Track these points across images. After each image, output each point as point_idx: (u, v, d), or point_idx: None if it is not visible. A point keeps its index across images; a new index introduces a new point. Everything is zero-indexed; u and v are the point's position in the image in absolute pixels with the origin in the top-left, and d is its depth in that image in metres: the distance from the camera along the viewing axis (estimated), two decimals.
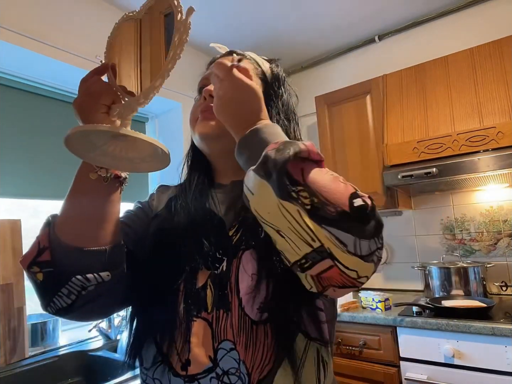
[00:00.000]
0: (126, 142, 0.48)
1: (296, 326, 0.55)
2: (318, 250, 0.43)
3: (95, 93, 0.51)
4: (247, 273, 0.56)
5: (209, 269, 0.58)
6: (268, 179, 0.43)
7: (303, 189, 0.43)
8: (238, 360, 0.53)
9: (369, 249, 0.43)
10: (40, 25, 1.61)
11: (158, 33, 0.49)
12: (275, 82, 0.70)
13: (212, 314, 0.55)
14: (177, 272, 0.59)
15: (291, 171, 0.43)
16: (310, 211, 0.42)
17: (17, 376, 1.33)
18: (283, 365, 0.53)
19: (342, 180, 0.45)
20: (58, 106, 1.86)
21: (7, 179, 1.62)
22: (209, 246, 0.59)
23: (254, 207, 0.47)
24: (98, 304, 0.56)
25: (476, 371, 1.45)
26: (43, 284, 0.52)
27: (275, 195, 0.43)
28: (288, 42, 2.40)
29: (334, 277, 0.44)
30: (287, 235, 0.44)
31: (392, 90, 2.04)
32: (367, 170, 2.08)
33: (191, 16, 0.46)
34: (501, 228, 1.97)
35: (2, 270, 1.40)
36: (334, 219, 0.42)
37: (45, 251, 0.52)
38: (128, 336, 0.62)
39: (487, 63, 1.78)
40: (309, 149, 0.45)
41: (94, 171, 0.53)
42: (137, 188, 2.20)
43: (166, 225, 0.63)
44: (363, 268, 0.44)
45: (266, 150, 0.45)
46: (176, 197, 0.68)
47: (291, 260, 0.46)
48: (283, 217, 0.43)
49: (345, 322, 1.80)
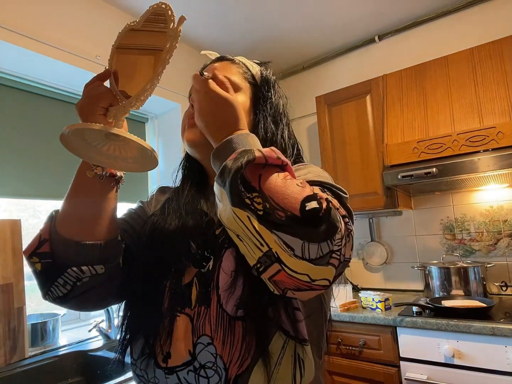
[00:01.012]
0: (119, 142, 0.51)
1: (274, 323, 0.56)
2: (267, 254, 0.44)
3: (95, 96, 0.54)
4: (226, 270, 0.58)
5: (196, 267, 0.61)
6: (224, 187, 0.46)
7: (257, 195, 0.44)
8: (215, 354, 0.55)
9: (319, 252, 0.43)
10: (40, 25, 1.61)
11: (153, 41, 0.53)
12: (265, 84, 0.72)
13: (195, 310, 0.58)
14: (166, 269, 0.62)
15: (248, 178, 0.45)
16: (261, 217, 0.43)
17: (17, 376, 1.33)
18: (259, 362, 0.55)
19: (300, 183, 0.46)
20: (58, 106, 1.86)
21: (7, 179, 1.62)
22: (197, 245, 0.62)
23: (219, 213, 0.49)
24: (93, 295, 0.60)
25: (476, 371, 1.45)
26: (42, 273, 0.57)
27: (229, 203, 0.45)
28: (289, 42, 2.40)
29: (285, 281, 0.45)
30: (244, 239, 0.46)
31: (392, 90, 2.04)
32: (367, 170, 2.08)
33: (182, 24, 0.49)
34: (501, 228, 1.97)
35: (2, 270, 1.40)
36: (282, 224, 0.43)
37: (45, 243, 0.57)
38: (119, 331, 0.65)
39: (487, 63, 1.78)
40: (265, 155, 0.46)
41: (91, 169, 0.57)
42: (137, 188, 2.20)
43: (158, 225, 0.66)
44: (316, 272, 0.44)
45: (227, 160, 0.48)
46: (170, 199, 0.71)
47: (250, 264, 0.47)
48: (236, 223, 0.45)
49: (345, 322, 1.80)
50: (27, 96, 1.75)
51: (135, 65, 0.55)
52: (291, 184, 0.45)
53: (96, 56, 1.78)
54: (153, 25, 0.53)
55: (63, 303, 0.59)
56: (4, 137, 1.63)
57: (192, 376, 0.56)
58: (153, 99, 2.17)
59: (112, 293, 0.63)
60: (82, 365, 1.49)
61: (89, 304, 0.64)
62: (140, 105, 0.52)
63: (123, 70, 0.56)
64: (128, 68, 0.56)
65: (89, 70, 1.74)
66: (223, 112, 0.55)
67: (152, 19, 0.53)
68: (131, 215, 0.72)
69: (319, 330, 0.64)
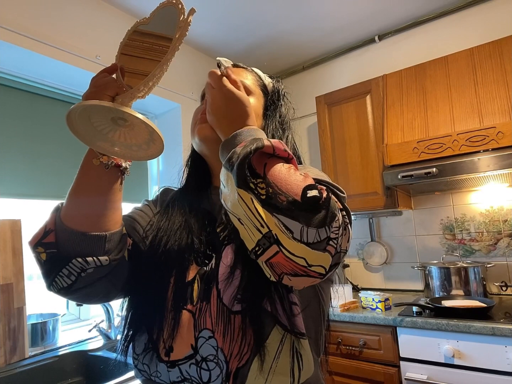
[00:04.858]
0: (124, 127, 0.52)
1: (272, 318, 0.57)
2: (266, 235, 0.46)
3: (101, 85, 0.55)
4: (225, 262, 0.60)
5: (198, 265, 0.63)
6: (231, 170, 0.48)
7: (261, 181, 0.47)
8: (216, 347, 0.56)
9: (317, 237, 0.45)
10: (40, 25, 1.61)
11: (162, 34, 0.53)
12: (275, 94, 0.75)
13: (196, 306, 0.59)
14: (170, 266, 0.63)
15: (254, 165, 0.48)
16: (263, 200, 0.46)
17: (17, 376, 1.33)
18: (258, 356, 0.56)
19: (303, 174, 0.49)
20: (58, 106, 1.86)
21: (7, 179, 1.62)
22: (200, 243, 0.64)
23: (223, 197, 0.51)
24: (97, 287, 0.60)
25: (476, 371, 1.45)
26: (46, 263, 0.57)
27: (234, 185, 0.47)
28: (289, 42, 2.40)
29: (282, 263, 0.47)
30: (245, 222, 0.48)
31: (392, 90, 2.04)
32: (367, 170, 2.08)
33: (192, 15, 0.51)
34: (501, 228, 1.97)
35: (2, 270, 1.40)
36: (284, 207, 0.45)
37: (50, 233, 0.58)
38: (122, 326, 0.66)
39: (487, 63, 1.78)
40: (274, 145, 0.49)
41: (97, 157, 0.57)
42: (137, 188, 2.20)
43: (163, 223, 0.68)
44: (313, 256, 0.45)
45: (236, 147, 0.50)
46: (175, 199, 0.73)
47: (249, 248, 0.49)
48: (239, 205, 0.47)
49: (345, 322, 1.80)
50: (27, 96, 1.75)
51: (141, 61, 0.56)
52: (294, 173, 0.48)
53: (96, 56, 1.78)
54: (161, 27, 0.54)
55: (67, 294, 0.60)
56: (4, 137, 1.63)
57: (194, 369, 0.57)
58: (153, 99, 2.17)
59: (116, 286, 0.64)
60: (82, 365, 1.49)
61: (93, 297, 0.64)
62: (148, 92, 0.52)
63: (130, 66, 0.56)
64: (135, 64, 0.56)
65: (89, 70, 1.74)
66: (234, 107, 0.58)
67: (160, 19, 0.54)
68: (137, 212, 0.74)
69: (317, 327, 0.65)
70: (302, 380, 0.58)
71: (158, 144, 0.53)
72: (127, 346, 0.64)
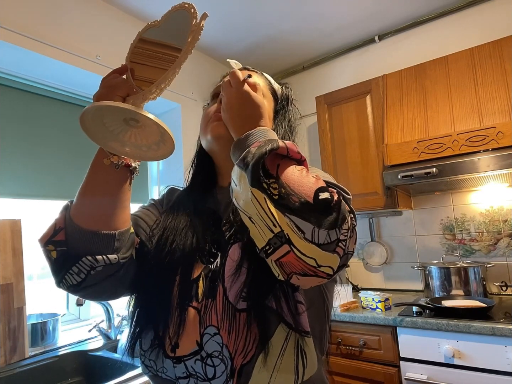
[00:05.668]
0: (136, 128, 0.52)
1: (277, 315, 0.58)
2: (278, 235, 0.47)
3: (112, 85, 0.55)
4: (232, 257, 0.61)
5: (203, 263, 0.64)
6: (245, 170, 0.49)
7: (274, 181, 0.48)
8: (221, 344, 0.57)
9: (327, 238, 0.46)
10: (40, 25, 1.60)
11: (174, 38, 0.55)
12: (284, 99, 0.78)
13: (202, 303, 0.60)
14: (175, 265, 0.64)
15: (268, 166, 0.49)
16: (276, 201, 0.47)
17: (17, 376, 1.33)
18: (262, 353, 0.56)
19: (315, 176, 0.50)
20: (58, 106, 1.86)
21: (7, 179, 1.62)
22: (205, 241, 0.65)
23: (234, 196, 0.52)
24: (106, 285, 0.61)
25: (476, 371, 1.45)
26: (56, 261, 0.58)
27: (248, 183, 0.48)
28: (289, 42, 2.40)
29: (292, 262, 0.47)
30: (256, 221, 0.49)
31: (392, 90, 2.04)
32: (367, 170, 2.08)
33: (204, 20, 0.52)
34: (501, 228, 1.97)
35: (2, 270, 1.40)
36: (296, 208, 0.46)
37: (60, 231, 0.58)
38: (129, 324, 0.67)
39: (487, 63, 1.78)
40: (288, 147, 0.50)
41: (107, 157, 0.58)
42: (137, 189, 2.20)
43: (169, 222, 0.69)
44: (323, 257, 0.46)
45: (251, 147, 0.51)
46: (181, 198, 0.75)
47: (259, 247, 0.50)
48: (252, 204, 0.48)
49: (345, 322, 1.80)
50: (27, 96, 1.75)
51: (149, 69, 0.56)
52: (306, 175, 0.49)
53: (96, 56, 1.78)
54: (173, 30, 0.55)
55: (77, 291, 0.60)
56: (4, 137, 1.63)
57: (199, 364, 0.58)
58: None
59: (124, 284, 0.64)
60: (82, 365, 1.49)
61: (101, 294, 0.65)
62: (159, 93, 0.53)
63: (139, 68, 0.57)
64: (143, 72, 0.56)
65: (89, 70, 1.74)
66: (250, 108, 0.59)
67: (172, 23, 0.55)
68: (144, 211, 0.75)
69: (321, 326, 0.66)
70: (306, 377, 0.59)
71: (169, 145, 0.54)
72: (134, 343, 0.65)
